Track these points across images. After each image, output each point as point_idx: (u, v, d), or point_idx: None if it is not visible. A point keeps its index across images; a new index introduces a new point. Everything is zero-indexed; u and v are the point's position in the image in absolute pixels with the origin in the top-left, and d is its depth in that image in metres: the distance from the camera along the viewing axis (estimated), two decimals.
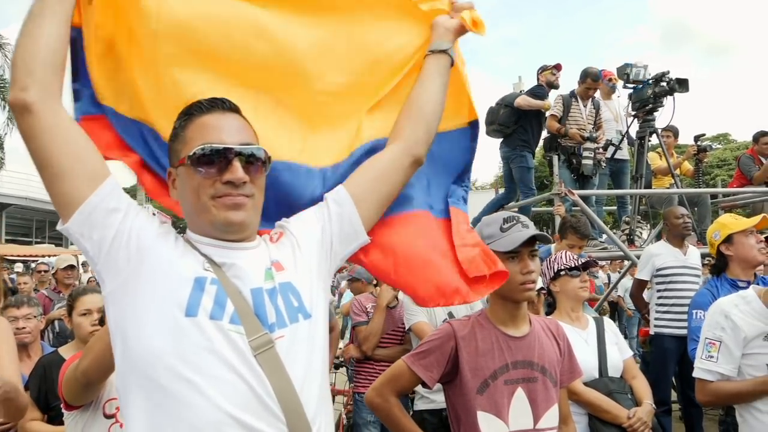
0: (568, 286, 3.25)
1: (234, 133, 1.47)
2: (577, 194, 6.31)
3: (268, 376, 1.33)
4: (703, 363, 2.74)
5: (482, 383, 2.21)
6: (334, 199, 1.67)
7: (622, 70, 7.25)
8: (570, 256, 3.30)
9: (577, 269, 3.23)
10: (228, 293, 1.39)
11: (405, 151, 1.75)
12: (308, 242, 1.60)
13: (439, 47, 1.88)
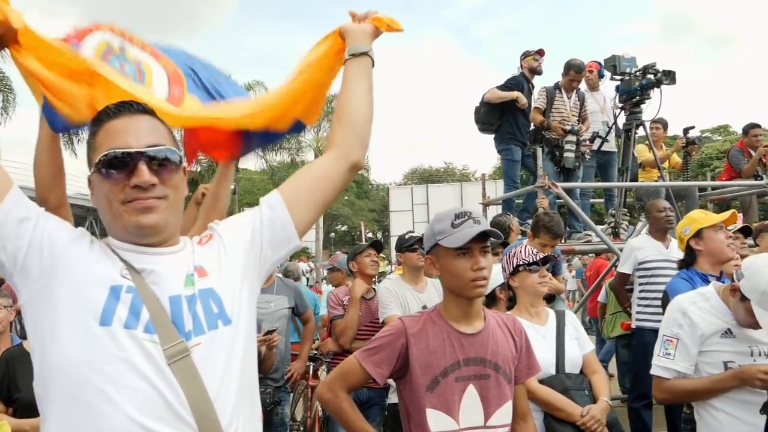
0: (527, 282, 3.23)
1: (142, 136, 1.46)
2: (560, 187, 6.28)
3: (182, 385, 1.33)
4: (660, 360, 2.73)
5: (432, 380, 2.20)
6: (268, 204, 1.65)
7: (609, 61, 7.19)
8: (529, 251, 3.27)
9: (536, 264, 3.21)
10: (144, 301, 1.38)
11: (340, 157, 1.75)
12: (236, 246, 1.58)
13: (360, 50, 1.88)
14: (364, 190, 58.99)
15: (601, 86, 8.01)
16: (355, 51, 1.88)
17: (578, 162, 6.81)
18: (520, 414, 2.43)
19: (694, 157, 8.26)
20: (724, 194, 8.30)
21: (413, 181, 51.76)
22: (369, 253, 4.86)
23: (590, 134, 7.27)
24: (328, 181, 1.71)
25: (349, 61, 1.88)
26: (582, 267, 19.56)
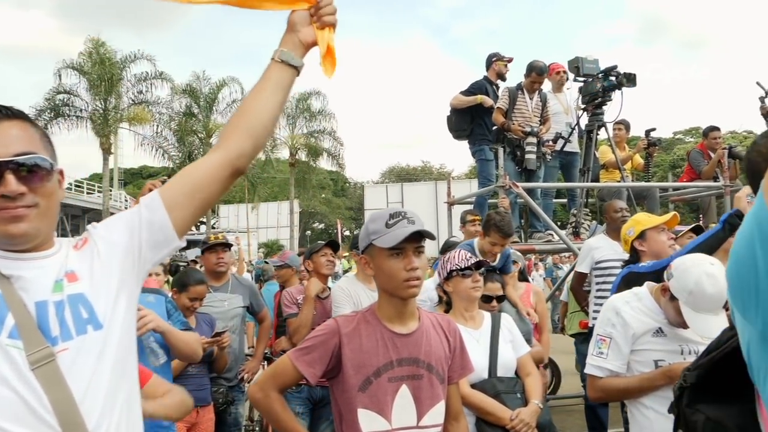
0: (460, 287, 3.25)
1: (10, 144, 1.44)
2: (521, 187, 6.33)
3: (46, 390, 1.34)
4: (593, 359, 2.77)
5: (365, 380, 2.20)
6: (147, 205, 1.62)
7: (572, 63, 7.28)
8: (462, 255, 3.30)
9: (469, 269, 3.24)
10: (10, 307, 1.38)
11: (227, 162, 1.68)
12: (112, 250, 1.56)
13: (291, 62, 1.78)
14: (341, 188, 58.99)
15: (565, 87, 8.08)
16: (287, 60, 1.78)
17: (539, 163, 6.86)
18: (453, 414, 2.44)
19: (655, 158, 8.36)
20: (685, 195, 8.43)
21: (391, 179, 51.85)
22: (325, 253, 4.85)
23: (553, 135, 7.34)
24: (207, 187, 1.66)
25: (276, 63, 1.78)
26: (552, 266, 19.80)
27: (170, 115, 27.89)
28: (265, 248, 32.76)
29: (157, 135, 27.87)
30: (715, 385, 1.70)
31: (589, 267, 5.62)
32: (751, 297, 1.34)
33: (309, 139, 31.32)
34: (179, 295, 4.09)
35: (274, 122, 1.78)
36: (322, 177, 51.19)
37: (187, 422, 3.96)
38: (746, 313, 1.39)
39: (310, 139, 31.33)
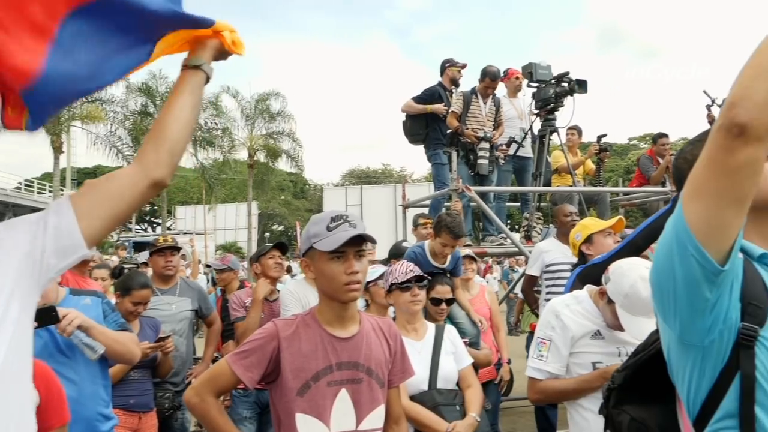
0: (400, 300, 3.28)
1: None
2: (474, 191, 6.38)
3: None
4: (533, 362, 2.80)
5: (303, 385, 2.19)
6: (55, 210, 1.56)
7: (526, 68, 7.38)
8: (403, 269, 3.33)
9: (408, 282, 3.26)
10: None
11: (143, 173, 1.63)
12: (8, 254, 1.49)
13: (193, 62, 1.77)
14: (300, 189, 58.71)
15: (520, 93, 8.18)
16: (189, 63, 1.77)
17: (492, 167, 6.92)
18: (394, 418, 2.44)
19: (610, 164, 8.53)
20: (634, 200, 8.61)
21: (351, 181, 51.77)
22: (273, 255, 4.81)
23: (507, 139, 7.42)
24: (123, 198, 1.61)
25: (183, 71, 1.76)
26: (508, 270, 20.00)
27: (125, 114, 27.32)
28: (223, 250, 32.37)
29: (111, 134, 27.23)
30: (641, 386, 1.73)
31: (539, 270, 5.68)
32: (670, 303, 1.38)
33: (268, 140, 31.04)
34: (122, 299, 4.00)
35: (188, 126, 1.73)
36: (282, 179, 50.88)
37: (129, 429, 3.87)
38: (666, 318, 1.43)
39: (269, 141, 31.06)
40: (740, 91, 1.21)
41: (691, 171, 1.30)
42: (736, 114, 1.19)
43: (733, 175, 1.23)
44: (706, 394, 1.37)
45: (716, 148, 1.23)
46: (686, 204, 1.30)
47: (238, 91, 30.01)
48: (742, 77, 1.22)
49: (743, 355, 1.32)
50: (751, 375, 1.31)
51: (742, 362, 1.32)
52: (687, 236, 1.29)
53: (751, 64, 1.23)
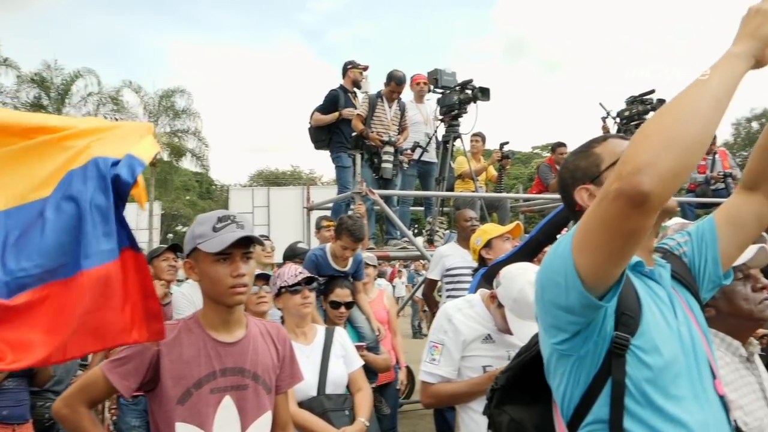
0: (289, 303, 3.22)
1: None
2: (377, 194, 6.38)
3: None
4: (426, 366, 2.80)
5: (184, 392, 2.09)
6: None
7: (432, 74, 7.47)
8: (292, 272, 3.27)
9: (297, 285, 3.21)
10: None
11: None
12: None
13: None
14: (206, 190, 57.30)
15: (426, 98, 8.27)
16: None
17: (396, 171, 6.95)
18: (281, 424, 2.38)
19: (515, 170, 8.79)
20: (533, 206, 8.90)
21: (259, 183, 50.99)
22: (166, 257, 4.62)
23: (411, 144, 7.48)
24: None
25: None
26: (414, 273, 20.27)
27: (15, 106, 25.74)
28: None
29: None
30: (523, 387, 1.76)
31: (439, 274, 5.75)
32: (549, 318, 1.42)
33: (172, 138, 30.08)
34: None
35: None
36: (187, 178, 49.44)
37: None
38: (545, 329, 1.46)
39: (173, 139, 30.10)
40: (648, 158, 1.15)
41: (583, 218, 1.30)
42: (640, 182, 1.14)
43: (625, 239, 1.24)
44: (579, 398, 1.41)
45: (613, 213, 1.20)
46: (576, 253, 1.31)
47: (140, 86, 28.95)
48: (651, 142, 1.16)
49: (615, 363, 1.36)
50: (622, 382, 1.35)
51: (614, 370, 1.36)
52: (573, 280, 1.32)
53: (660, 130, 1.18)
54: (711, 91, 1.19)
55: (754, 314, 2.03)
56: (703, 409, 1.40)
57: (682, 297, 1.57)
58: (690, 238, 1.71)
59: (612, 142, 1.61)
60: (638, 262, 1.49)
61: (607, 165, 1.56)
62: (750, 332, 2.12)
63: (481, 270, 4.05)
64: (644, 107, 8.54)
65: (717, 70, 1.21)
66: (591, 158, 1.61)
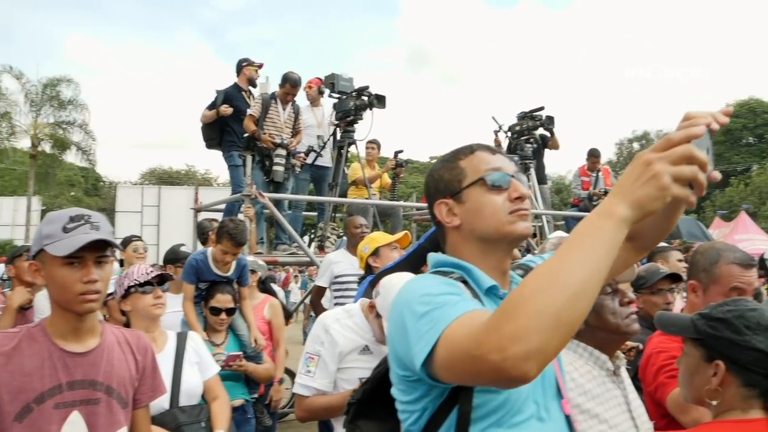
0: (139, 304, 2.99)
1: None
2: (267, 198, 6.22)
3: None
4: (301, 378, 2.70)
5: (23, 408, 1.87)
6: None
7: (329, 79, 7.40)
8: (142, 270, 3.06)
9: (149, 284, 3.01)
10: None
11: None
12: None
13: None
14: (93, 186, 54.61)
15: (322, 102, 8.20)
16: None
17: (288, 174, 6.83)
18: None
19: (413, 179, 8.85)
20: (425, 215, 8.97)
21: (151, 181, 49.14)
22: None
23: (305, 148, 7.37)
24: None
25: None
26: (308, 279, 20.09)
27: None
28: None
29: None
30: (381, 400, 1.70)
31: (328, 281, 5.66)
32: (397, 359, 1.38)
33: (56, 129, 28.47)
34: None
35: None
36: (72, 173, 46.89)
37: None
38: (392, 358, 1.42)
39: (57, 130, 28.49)
40: (539, 344, 1.03)
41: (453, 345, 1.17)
42: (528, 371, 1.04)
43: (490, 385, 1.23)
44: (424, 424, 1.37)
45: (485, 377, 1.13)
46: (438, 358, 1.20)
47: (22, 73, 27.34)
48: (544, 322, 1.03)
49: (462, 392, 1.32)
50: (467, 412, 1.32)
51: (461, 399, 1.32)
52: (422, 370, 1.25)
53: (552, 308, 1.04)
54: (603, 264, 1.09)
55: (621, 328, 2.06)
56: (546, 430, 1.39)
57: None
58: None
59: (478, 157, 1.53)
60: (493, 286, 1.45)
61: (470, 182, 1.50)
62: (617, 346, 2.15)
63: (367, 278, 4.00)
64: (534, 123, 8.86)
65: (606, 238, 1.09)
66: (455, 171, 1.54)
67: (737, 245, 9.63)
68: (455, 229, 1.51)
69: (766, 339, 1.71)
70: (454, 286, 1.35)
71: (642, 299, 3.55)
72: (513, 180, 1.49)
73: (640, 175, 1.09)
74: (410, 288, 1.38)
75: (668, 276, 3.32)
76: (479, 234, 1.47)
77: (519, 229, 1.46)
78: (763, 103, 48.70)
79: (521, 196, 1.47)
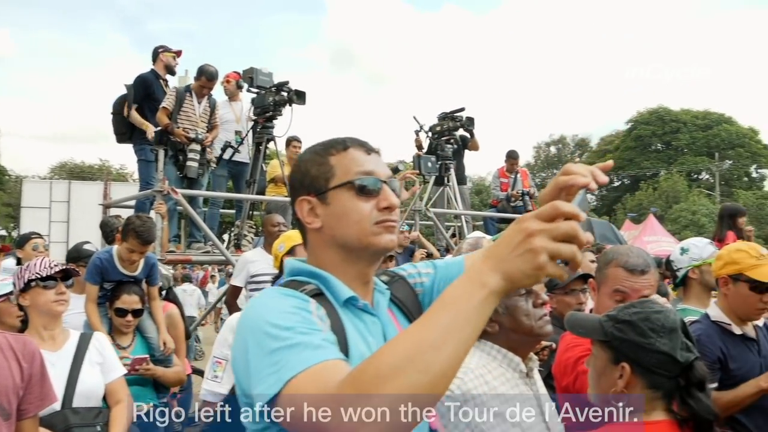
0: (40, 300, 2.83)
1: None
2: (181, 194, 5.99)
3: None
4: (207, 383, 2.59)
5: None
6: None
7: (247, 73, 7.21)
8: (45, 263, 2.88)
9: (52, 279, 2.83)
10: None
11: None
12: None
13: None
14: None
15: (240, 97, 8.00)
16: None
17: (202, 170, 6.61)
18: None
19: None
20: None
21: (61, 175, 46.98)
22: None
23: (222, 143, 7.17)
24: None
25: None
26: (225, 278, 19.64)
27: None
28: None
29: None
30: None
31: (244, 281, 5.51)
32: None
33: None
34: None
35: None
36: None
37: None
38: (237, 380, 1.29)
39: None
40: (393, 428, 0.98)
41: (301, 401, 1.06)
42: None
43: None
44: None
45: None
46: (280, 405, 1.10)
47: None
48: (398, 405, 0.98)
49: None
50: None
51: None
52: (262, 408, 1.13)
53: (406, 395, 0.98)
54: (470, 339, 1.03)
55: (534, 330, 2.05)
56: None
57: (400, 326, 1.47)
58: (434, 271, 1.61)
59: (351, 156, 1.41)
60: (351, 297, 1.36)
61: (337, 183, 1.38)
62: (530, 348, 2.14)
63: (279, 280, 3.88)
64: (454, 124, 8.94)
65: (476, 311, 1.03)
66: (323, 167, 1.41)
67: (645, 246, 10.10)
68: (316, 231, 1.41)
69: (670, 341, 1.72)
70: (306, 312, 1.22)
71: (555, 299, 3.59)
72: (384, 187, 1.39)
73: (519, 244, 1.03)
74: (258, 311, 1.23)
75: (581, 276, 3.36)
76: (340, 241, 1.38)
77: (383, 242, 1.37)
78: (671, 111, 51.23)
79: (390, 207, 1.37)
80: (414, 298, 1.56)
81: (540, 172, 57.24)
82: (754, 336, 2.96)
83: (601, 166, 1.16)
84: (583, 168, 1.16)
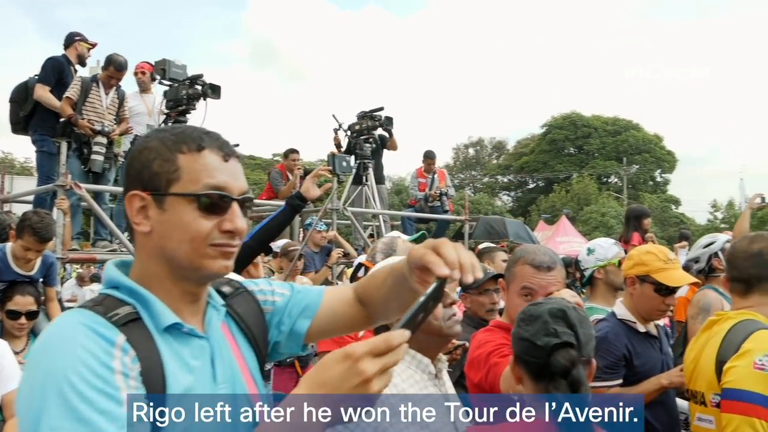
0: None
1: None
2: (85, 189, 5.70)
3: None
4: None
5: None
6: None
7: (159, 64, 6.91)
8: None
9: None
10: None
11: None
12: None
13: None
14: None
15: (153, 89, 7.71)
16: None
17: (109, 165, 6.32)
18: None
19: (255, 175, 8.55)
20: (263, 212, 8.75)
21: None
22: None
23: (132, 137, 6.88)
24: None
25: None
26: None
27: None
28: None
29: None
30: None
31: None
32: None
33: None
34: None
35: None
36: None
37: None
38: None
39: None
40: None
41: None
42: None
43: None
44: None
45: None
46: None
47: None
48: None
49: None
50: None
51: None
52: None
53: None
54: None
55: (443, 330, 2.03)
56: None
57: (236, 343, 1.37)
58: (291, 293, 1.51)
59: (204, 161, 1.22)
60: (175, 324, 1.22)
61: (179, 192, 1.20)
62: (439, 348, 2.12)
63: None
64: (373, 123, 8.92)
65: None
66: (168, 165, 1.21)
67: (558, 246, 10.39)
68: (144, 234, 1.23)
69: (532, 327, 1.74)
70: (107, 370, 1.08)
71: (469, 299, 3.61)
72: (234, 206, 1.23)
73: (356, 387, 1.03)
74: (58, 357, 1.08)
75: (494, 276, 3.39)
76: (169, 254, 1.21)
77: (215, 267, 1.23)
78: (583, 117, 53.24)
79: (233, 231, 1.23)
80: (259, 314, 1.45)
81: (459, 173, 58.30)
82: (656, 334, 3.06)
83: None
84: (455, 255, 1.17)
